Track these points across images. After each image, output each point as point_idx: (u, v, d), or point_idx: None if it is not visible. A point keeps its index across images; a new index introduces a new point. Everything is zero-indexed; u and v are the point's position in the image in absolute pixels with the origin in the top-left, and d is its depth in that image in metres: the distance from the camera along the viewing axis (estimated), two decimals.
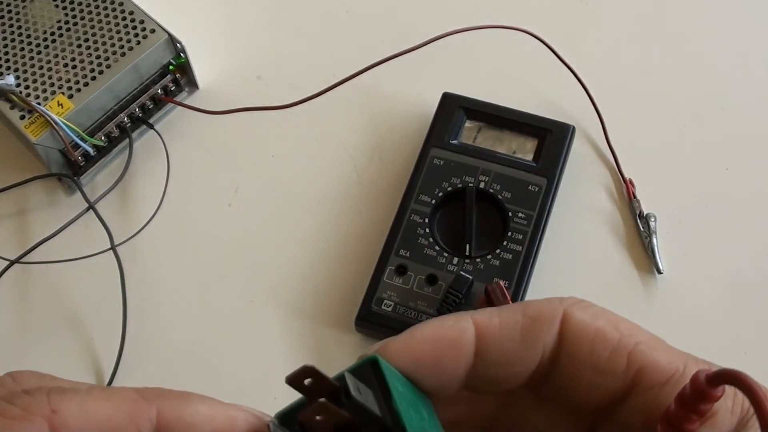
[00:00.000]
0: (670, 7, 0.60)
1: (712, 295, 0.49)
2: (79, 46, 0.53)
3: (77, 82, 0.51)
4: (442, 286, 0.47)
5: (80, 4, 0.54)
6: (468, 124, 0.52)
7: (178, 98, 0.57)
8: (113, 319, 0.49)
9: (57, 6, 0.54)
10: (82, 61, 0.52)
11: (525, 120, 0.52)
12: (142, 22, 0.53)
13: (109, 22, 0.53)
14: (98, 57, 0.52)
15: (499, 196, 0.49)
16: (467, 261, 0.48)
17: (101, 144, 0.53)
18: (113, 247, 0.51)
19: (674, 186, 0.52)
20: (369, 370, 0.21)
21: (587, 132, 0.54)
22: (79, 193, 0.53)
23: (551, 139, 0.51)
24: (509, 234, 0.48)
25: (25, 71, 0.52)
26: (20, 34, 0.53)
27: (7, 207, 0.54)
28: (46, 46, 0.53)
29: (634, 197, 0.51)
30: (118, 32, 0.53)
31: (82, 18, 0.54)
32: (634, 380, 0.22)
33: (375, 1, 0.61)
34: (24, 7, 0.54)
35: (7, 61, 0.53)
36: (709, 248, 0.50)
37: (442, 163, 0.51)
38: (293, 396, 0.21)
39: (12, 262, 0.52)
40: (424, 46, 0.57)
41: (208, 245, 0.52)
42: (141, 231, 0.53)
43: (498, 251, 0.48)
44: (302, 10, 0.61)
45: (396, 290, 0.47)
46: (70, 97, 0.51)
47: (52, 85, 0.51)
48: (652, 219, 0.50)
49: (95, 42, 0.53)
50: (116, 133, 0.54)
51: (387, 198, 0.53)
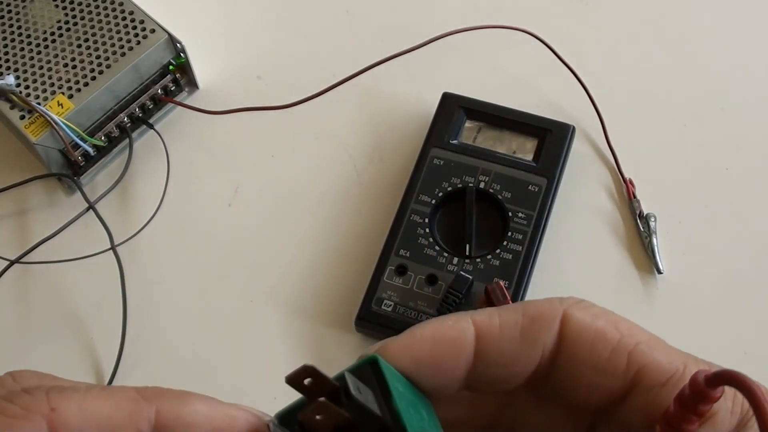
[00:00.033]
0: (670, 7, 0.60)
1: (712, 295, 0.49)
2: (79, 46, 0.53)
3: (77, 82, 0.51)
4: (442, 286, 0.47)
5: (80, 4, 0.54)
6: (468, 124, 0.52)
7: (178, 98, 0.57)
8: (113, 319, 0.49)
9: (57, 6, 0.54)
10: (82, 61, 0.52)
11: (525, 120, 0.52)
12: (142, 22, 0.53)
13: (109, 22, 0.53)
14: (98, 57, 0.52)
15: (499, 196, 0.49)
16: (467, 261, 0.48)
17: (101, 144, 0.53)
18: (113, 247, 0.51)
19: (674, 186, 0.52)
20: (369, 370, 0.21)
21: (587, 132, 0.54)
22: (79, 193, 0.53)
23: (551, 139, 0.51)
24: (509, 234, 0.48)
25: (25, 71, 0.52)
26: (20, 34, 0.53)
27: (7, 207, 0.54)
28: (46, 46, 0.53)
29: (634, 197, 0.51)
30: (118, 32, 0.53)
31: (82, 18, 0.54)
32: (634, 380, 0.22)
33: (375, 1, 0.61)
34: (24, 7, 0.54)
35: (7, 61, 0.53)
36: (709, 248, 0.50)
37: (442, 163, 0.51)
38: (293, 396, 0.21)
39: (12, 262, 0.52)
40: (424, 46, 0.57)
41: (208, 245, 0.52)
42: (141, 231, 0.53)
43: (498, 251, 0.48)
44: (302, 10, 0.61)
45: (396, 290, 0.47)
46: (70, 97, 0.51)
47: (52, 85, 0.51)
48: (652, 219, 0.50)
49: (95, 42, 0.53)
50: (116, 133, 0.54)
51: (387, 198, 0.53)
